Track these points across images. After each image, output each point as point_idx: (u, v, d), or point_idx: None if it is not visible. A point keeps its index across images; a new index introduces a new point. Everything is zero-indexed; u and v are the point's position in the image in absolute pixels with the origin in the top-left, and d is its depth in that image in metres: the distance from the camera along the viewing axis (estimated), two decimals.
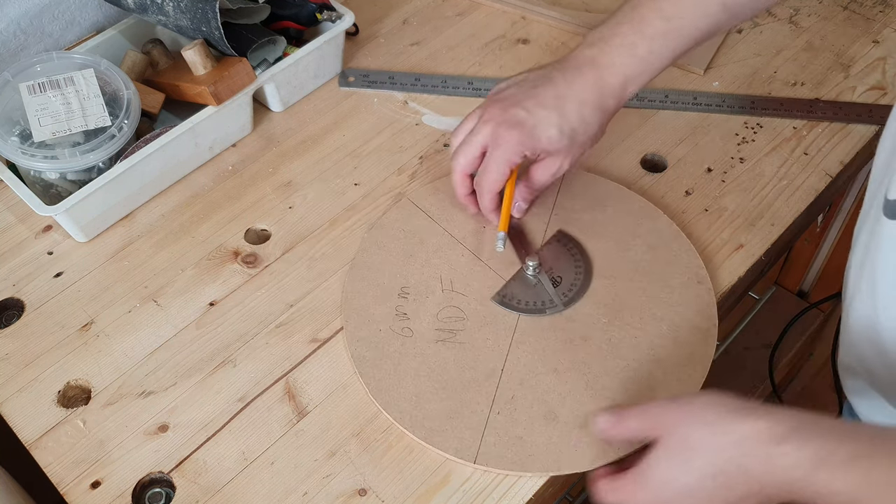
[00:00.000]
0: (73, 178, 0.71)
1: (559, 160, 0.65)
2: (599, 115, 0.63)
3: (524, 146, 0.63)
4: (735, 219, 0.72)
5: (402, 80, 0.84)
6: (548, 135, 0.62)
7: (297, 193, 0.76)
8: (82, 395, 0.63)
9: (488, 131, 0.63)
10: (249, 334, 0.66)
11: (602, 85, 0.62)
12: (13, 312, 0.68)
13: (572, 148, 0.64)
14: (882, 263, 0.51)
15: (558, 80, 0.63)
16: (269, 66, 0.78)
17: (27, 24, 0.79)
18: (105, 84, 0.72)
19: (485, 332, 0.64)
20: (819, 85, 0.83)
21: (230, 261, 0.71)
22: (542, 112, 0.62)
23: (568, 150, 0.64)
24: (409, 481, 0.58)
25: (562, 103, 0.62)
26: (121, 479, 0.59)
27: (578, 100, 0.62)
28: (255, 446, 0.60)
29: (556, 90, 0.63)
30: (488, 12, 0.92)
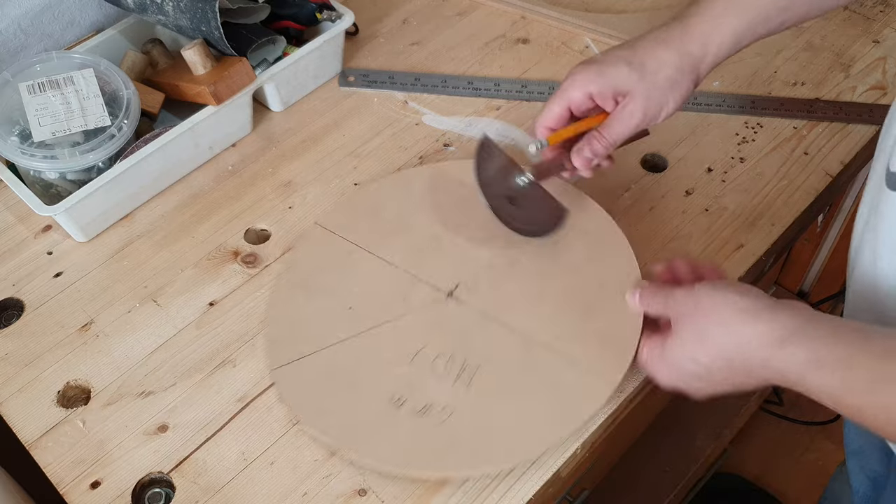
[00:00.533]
0: (73, 178, 0.71)
1: (631, 103, 0.60)
2: (676, 56, 0.59)
3: (589, 80, 0.61)
4: (735, 219, 0.72)
5: (402, 80, 0.84)
6: (616, 70, 0.60)
7: (296, 193, 0.76)
8: (82, 395, 0.63)
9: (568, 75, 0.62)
10: (249, 334, 0.66)
11: (684, 29, 0.60)
12: (13, 312, 0.68)
13: (644, 86, 0.60)
14: (883, 233, 0.52)
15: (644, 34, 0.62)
16: (268, 65, 0.78)
17: (28, 23, 0.79)
18: (105, 84, 0.72)
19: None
20: (819, 85, 0.83)
21: (230, 261, 0.71)
22: (615, 51, 0.61)
23: (639, 90, 0.60)
24: (409, 481, 0.58)
25: (637, 43, 0.61)
26: (120, 480, 0.59)
27: (655, 39, 0.60)
28: (254, 446, 0.60)
29: (638, 38, 0.62)
30: (488, 12, 0.92)
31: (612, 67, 0.60)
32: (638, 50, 0.60)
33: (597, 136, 0.62)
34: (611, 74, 0.60)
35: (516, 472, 0.58)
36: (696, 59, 0.60)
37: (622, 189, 0.74)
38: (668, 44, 0.60)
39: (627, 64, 0.60)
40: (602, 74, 0.60)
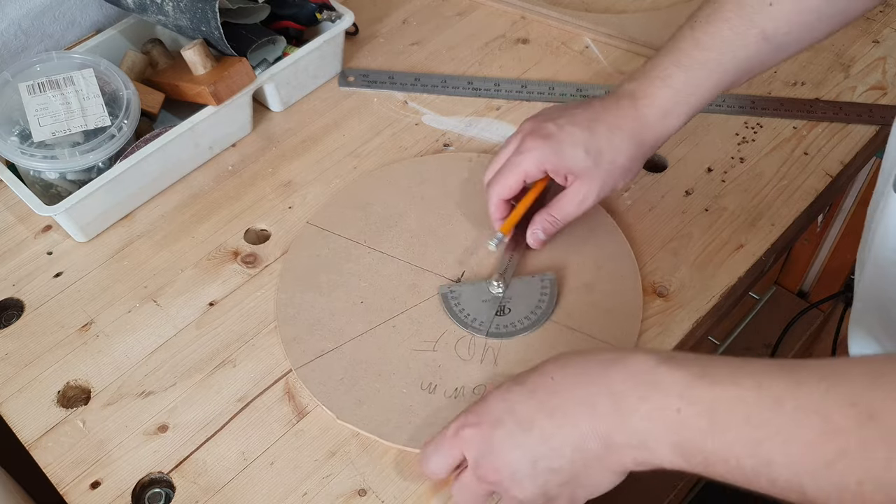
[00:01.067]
0: (73, 178, 0.71)
1: (584, 187, 0.62)
2: (632, 145, 0.62)
3: (545, 159, 0.61)
4: (735, 219, 0.72)
5: (402, 80, 0.84)
6: (573, 152, 0.61)
7: (296, 193, 0.76)
8: (82, 395, 0.63)
9: (517, 141, 0.63)
10: (249, 334, 0.66)
11: (638, 115, 0.62)
12: (13, 312, 0.68)
13: (598, 174, 0.62)
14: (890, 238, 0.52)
15: (597, 106, 0.63)
16: (268, 65, 0.78)
17: (28, 24, 0.79)
18: (105, 84, 0.72)
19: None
20: (819, 85, 0.83)
21: (230, 261, 0.71)
22: (573, 129, 0.61)
23: (593, 175, 0.62)
24: (409, 481, 0.58)
25: (594, 125, 0.61)
26: (120, 480, 0.59)
27: (612, 125, 0.61)
28: (254, 446, 0.60)
29: (593, 113, 0.62)
30: (488, 12, 0.92)
31: (570, 149, 0.61)
32: (596, 133, 0.61)
33: (549, 219, 0.65)
34: (567, 156, 0.61)
35: None
36: (648, 147, 0.63)
37: (622, 189, 0.74)
38: (624, 131, 0.62)
39: (585, 151, 0.61)
40: (558, 154, 0.61)
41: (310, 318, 0.65)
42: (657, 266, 0.69)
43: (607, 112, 0.62)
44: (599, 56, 0.86)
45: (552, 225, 0.65)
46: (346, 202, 0.73)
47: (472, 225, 0.71)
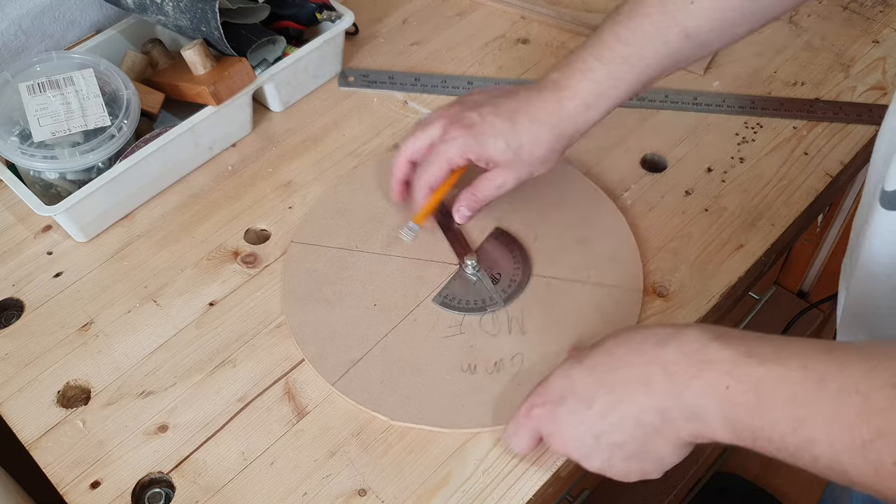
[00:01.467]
0: (73, 178, 0.71)
1: (503, 174, 0.64)
2: (552, 137, 0.62)
3: (469, 149, 0.62)
4: (735, 219, 0.72)
5: (402, 80, 0.84)
6: (494, 144, 0.62)
7: (296, 193, 0.76)
8: (82, 395, 0.63)
9: (440, 126, 0.64)
10: (249, 334, 0.66)
11: (559, 108, 0.62)
12: (13, 312, 0.68)
13: (517, 164, 0.63)
14: (875, 250, 0.52)
15: (521, 95, 0.63)
16: (268, 65, 0.78)
17: (28, 24, 0.79)
18: (105, 84, 0.72)
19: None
20: (819, 85, 0.83)
21: (230, 261, 0.71)
22: (495, 120, 0.62)
23: (512, 165, 0.63)
24: (409, 481, 0.58)
25: (516, 117, 0.62)
26: (120, 480, 0.59)
27: (533, 117, 0.62)
28: (254, 446, 0.60)
29: (516, 104, 0.63)
30: (488, 12, 0.92)
31: (492, 141, 0.62)
32: (517, 124, 0.62)
33: (472, 197, 0.66)
34: (489, 147, 0.62)
35: (516, 471, 0.58)
36: (566, 138, 0.63)
37: (622, 189, 0.74)
38: (544, 123, 0.62)
39: (505, 143, 0.62)
40: (481, 144, 0.62)
41: (328, 332, 0.65)
42: (657, 266, 0.69)
43: (529, 103, 0.63)
44: None
45: (476, 202, 0.66)
46: (324, 213, 0.73)
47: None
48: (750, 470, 1.29)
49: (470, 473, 0.58)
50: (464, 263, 0.68)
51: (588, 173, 0.75)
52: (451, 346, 0.64)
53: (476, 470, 0.58)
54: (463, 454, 0.59)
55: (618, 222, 0.71)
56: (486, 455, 0.59)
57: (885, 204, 0.50)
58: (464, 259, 0.68)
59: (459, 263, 0.68)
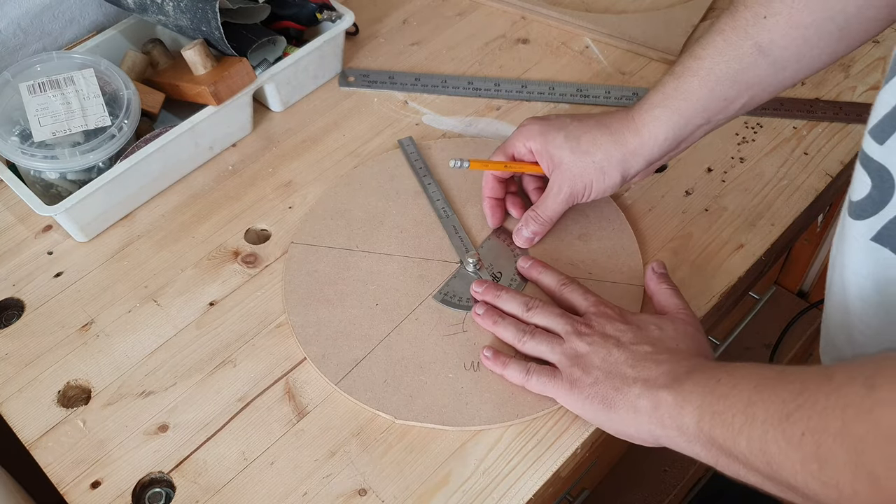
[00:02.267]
0: (73, 178, 0.71)
1: (558, 177, 0.65)
2: (611, 142, 0.63)
3: (532, 137, 0.65)
4: (735, 219, 0.72)
5: (402, 80, 0.84)
6: (555, 134, 0.64)
7: (297, 193, 0.76)
8: (82, 395, 0.63)
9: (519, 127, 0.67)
10: (249, 334, 0.66)
11: (625, 117, 0.63)
12: (13, 312, 0.68)
13: (573, 162, 0.63)
14: (849, 259, 0.53)
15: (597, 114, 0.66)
16: (269, 65, 0.78)
17: (27, 23, 0.79)
18: (105, 84, 0.72)
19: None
20: (819, 85, 0.83)
21: (230, 261, 0.71)
22: (566, 118, 0.65)
23: (567, 162, 0.64)
24: (409, 481, 0.58)
25: (586, 118, 0.65)
26: (121, 479, 0.59)
27: (600, 121, 0.64)
28: (255, 446, 0.60)
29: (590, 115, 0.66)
30: (488, 12, 0.92)
31: (553, 132, 0.64)
32: (582, 125, 0.64)
33: (532, 216, 0.67)
34: (550, 137, 0.64)
35: (517, 471, 0.58)
36: (627, 150, 0.63)
37: (622, 189, 0.74)
38: (608, 129, 0.63)
39: (566, 136, 0.63)
40: (543, 134, 0.64)
41: (331, 332, 0.65)
42: None
43: (606, 115, 0.64)
44: (599, 56, 0.86)
45: (536, 223, 0.67)
46: (323, 214, 0.73)
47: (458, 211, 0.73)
48: None
49: (470, 473, 0.58)
50: (465, 261, 0.68)
51: None
52: (453, 344, 0.64)
53: (476, 470, 0.58)
54: (463, 454, 0.59)
55: (617, 218, 0.71)
56: (487, 455, 0.59)
57: (852, 213, 0.51)
58: (465, 257, 0.68)
59: (460, 261, 0.68)
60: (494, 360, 0.61)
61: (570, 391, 0.57)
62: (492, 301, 0.64)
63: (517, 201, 0.71)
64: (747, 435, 0.44)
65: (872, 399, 0.38)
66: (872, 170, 0.48)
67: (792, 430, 0.41)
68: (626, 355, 0.56)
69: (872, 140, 0.48)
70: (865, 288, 0.52)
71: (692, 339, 0.58)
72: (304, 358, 0.64)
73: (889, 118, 0.46)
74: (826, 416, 0.40)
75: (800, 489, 0.42)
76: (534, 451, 0.59)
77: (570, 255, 0.69)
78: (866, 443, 0.38)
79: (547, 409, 0.60)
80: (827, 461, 0.39)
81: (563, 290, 0.63)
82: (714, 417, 0.47)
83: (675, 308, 0.61)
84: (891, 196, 0.47)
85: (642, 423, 0.53)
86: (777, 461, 0.42)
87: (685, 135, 0.63)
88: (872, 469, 0.37)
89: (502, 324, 0.62)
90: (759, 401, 0.44)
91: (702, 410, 0.49)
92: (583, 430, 0.60)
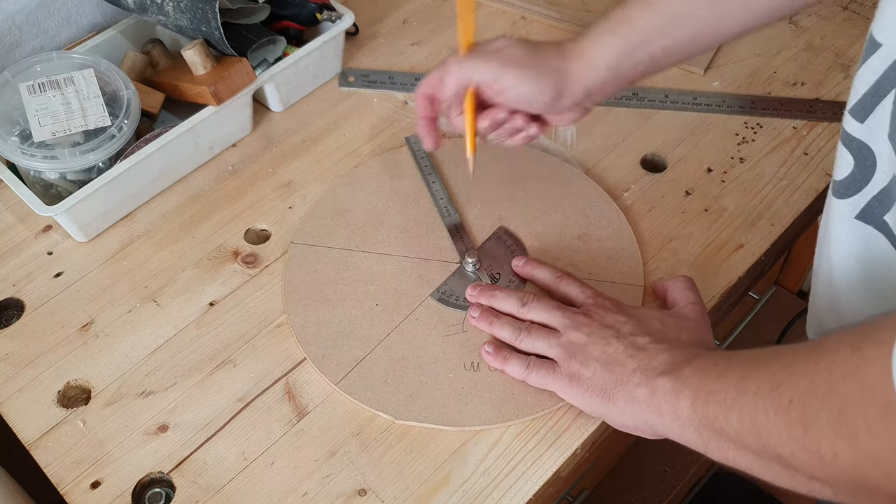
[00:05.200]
0: (73, 178, 0.71)
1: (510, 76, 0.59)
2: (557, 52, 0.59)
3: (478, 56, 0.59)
4: (735, 219, 0.72)
5: (402, 80, 0.84)
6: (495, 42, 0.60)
7: (296, 193, 0.76)
8: (82, 395, 0.63)
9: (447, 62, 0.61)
10: (249, 334, 0.66)
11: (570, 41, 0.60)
12: (13, 312, 0.68)
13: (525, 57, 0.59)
14: (834, 240, 0.53)
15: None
16: (269, 66, 0.78)
17: (22, 20, 0.79)
18: (105, 84, 0.72)
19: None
20: (819, 85, 0.83)
21: (230, 261, 0.71)
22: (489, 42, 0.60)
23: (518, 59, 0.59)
24: (409, 481, 0.58)
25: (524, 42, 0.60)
26: (121, 479, 0.59)
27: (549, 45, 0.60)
28: (255, 446, 0.60)
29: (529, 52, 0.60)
30: (488, 12, 0.92)
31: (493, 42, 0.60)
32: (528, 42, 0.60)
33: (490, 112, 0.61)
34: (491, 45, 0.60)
35: (517, 471, 0.58)
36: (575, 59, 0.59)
37: (622, 189, 0.74)
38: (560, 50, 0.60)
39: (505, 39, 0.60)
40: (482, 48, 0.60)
41: (331, 332, 0.65)
42: (657, 266, 0.69)
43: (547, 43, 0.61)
44: None
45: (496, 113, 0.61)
46: (323, 214, 0.73)
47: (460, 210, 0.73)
48: None
49: (470, 473, 0.58)
50: (464, 261, 0.68)
51: (588, 173, 0.75)
52: (453, 345, 0.64)
53: (476, 470, 0.58)
54: (463, 454, 0.59)
55: (617, 218, 0.71)
56: (487, 455, 0.59)
57: (836, 193, 0.52)
58: (465, 257, 0.68)
59: (460, 261, 0.68)
60: (495, 355, 0.61)
61: (569, 384, 0.57)
62: (487, 302, 0.64)
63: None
64: (738, 409, 0.45)
65: (857, 358, 0.38)
66: (854, 148, 0.49)
67: (780, 399, 0.42)
68: (625, 346, 0.55)
69: (853, 119, 0.48)
70: (851, 266, 0.52)
71: (694, 332, 0.58)
72: (304, 358, 0.64)
73: (869, 96, 0.47)
74: (814, 382, 0.40)
75: (786, 458, 0.42)
76: (534, 452, 0.59)
77: (570, 255, 0.69)
78: (849, 401, 0.38)
79: (547, 409, 0.60)
80: (811, 424, 0.40)
81: (559, 283, 0.63)
82: (708, 397, 0.48)
83: (685, 301, 0.61)
84: (873, 174, 0.48)
85: (639, 413, 0.53)
86: (765, 431, 0.43)
87: (624, 69, 0.60)
88: (853, 426, 0.38)
89: (498, 324, 0.62)
90: (752, 375, 0.45)
91: (697, 392, 0.49)
92: (583, 430, 0.60)
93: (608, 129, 0.79)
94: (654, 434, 0.54)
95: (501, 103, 0.61)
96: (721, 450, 0.47)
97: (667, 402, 0.51)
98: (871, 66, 0.46)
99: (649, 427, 0.53)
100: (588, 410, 0.57)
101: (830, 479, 0.40)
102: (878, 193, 0.48)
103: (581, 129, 0.79)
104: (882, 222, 0.49)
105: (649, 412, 0.52)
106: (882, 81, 0.45)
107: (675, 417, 0.50)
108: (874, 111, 0.46)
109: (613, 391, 0.54)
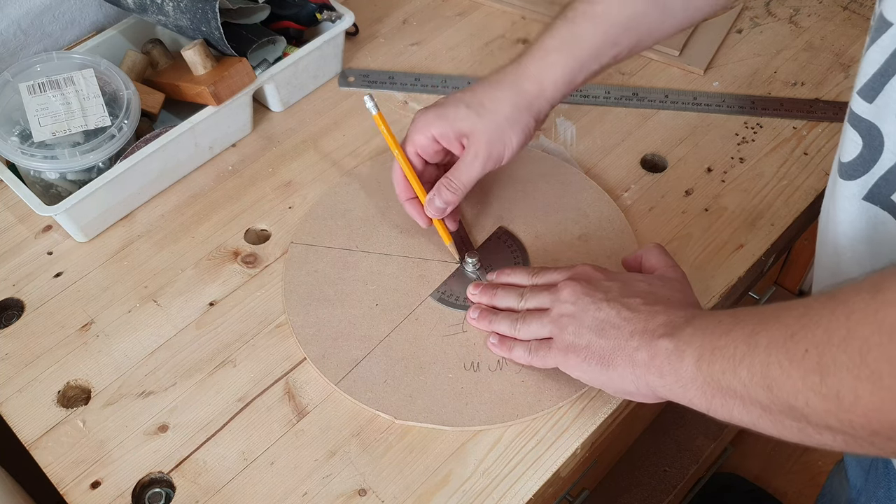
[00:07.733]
0: (73, 178, 0.71)
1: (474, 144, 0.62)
2: (512, 93, 0.62)
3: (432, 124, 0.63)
4: (735, 219, 0.72)
5: (402, 80, 0.84)
6: (455, 109, 0.62)
7: (296, 193, 0.76)
8: (82, 395, 0.63)
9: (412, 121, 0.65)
10: (249, 334, 0.66)
11: (517, 68, 0.63)
12: (13, 312, 0.68)
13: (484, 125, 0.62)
14: (841, 222, 0.53)
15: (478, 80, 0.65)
16: (268, 66, 0.78)
17: (28, 24, 0.79)
18: (105, 84, 0.72)
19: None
20: (819, 85, 0.83)
21: (230, 261, 0.71)
22: (455, 94, 0.64)
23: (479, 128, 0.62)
24: (409, 481, 0.58)
25: (475, 86, 0.64)
26: (121, 479, 0.59)
27: (492, 81, 0.63)
28: (255, 446, 0.60)
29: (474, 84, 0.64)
30: (488, 12, 0.92)
31: (452, 109, 0.63)
32: (477, 91, 0.63)
33: (446, 184, 0.64)
34: (450, 116, 0.63)
35: (517, 471, 0.58)
36: (531, 96, 0.62)
37: (622, 189, 0.74)
38: (503, 84, 0.63)
39: (466, 105, 0.62)
40: (442, 117, 0.63)
41: (331, 332, 0.65)
42: None
43: (491, 75, 0.64)
44: None
45: (449, 190, 0.64)
46: (323, 214, 0.73)
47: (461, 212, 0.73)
48: (750, 470, 1.29)
49: (470, 473, 0.58)
50: (464, 261, 0.68)
51: (588, 173, 0.75)
52: (453, 345, 0.64)
53: (476, 470, 0.58)
54: (463, 454, 0.59)
55: (617, 218, 0.71)
56: (486, 455, 0.59)
57: (843, 175, 0.52)
58: (465, 257, 0.68)
59: (460, 261, 0.68)
60: (501, 345, 0.61)
61: (566, 356, 0.56)
62: (489, 301, 0.64)
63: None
64: (749, 363, 0.44)
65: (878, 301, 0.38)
66: (862, 129, 0.49)
67: (795, 349, 0.41)
68: (617, 309, 0.55)
69: (861, 99, 0.48)
70: (859, 248, 0.52)
71: (682, 292, 0.57)
72: (304, 358, 0.64)
73: (878, 76, 0.47)
74: (831, 328, 0.39)
75: (799, 409, 0.41)
76: (534, 452, 0.59)
77: (570, 255, 0.69)
78: (871, 342, 0.37)
79: (546, 409, 0.60)
80: (829, 370, 0.39)
81: (536, 279, 0.63)
82: (714, 353, 0.47)
83: (664, 265, 0.60)
84: (880, 154, 0.48)
85: (640, 376, 0.52)
86: (778, 383, 0.42)
87: (579, 80, 0.63)
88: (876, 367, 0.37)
89: (497, 321, 0.62)
90: (763, 329, 0.44)
91: (702, 349, 0.48)
92: (583, 430, 0.60)
93: (608, 129, 0.79)
94: (656, 398, 0.53)
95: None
96: (726, 407, 0.46)
97: (669, 363, 0.50)
98: (881, 45, 0.46)
99: (651, 390, 0.52)
100: (589, 381, 0.56)
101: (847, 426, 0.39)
102: (886, 173, 0.48)
103: (581, 129, 0.79)
104: (890, 202, 0.48)
105: (650, 374, 0.51)
106: (892, 60, 0.45)
107: (678, 378, 0.49)
108: (883, 90, 0.46)
109: (612, 357, 0.53)
